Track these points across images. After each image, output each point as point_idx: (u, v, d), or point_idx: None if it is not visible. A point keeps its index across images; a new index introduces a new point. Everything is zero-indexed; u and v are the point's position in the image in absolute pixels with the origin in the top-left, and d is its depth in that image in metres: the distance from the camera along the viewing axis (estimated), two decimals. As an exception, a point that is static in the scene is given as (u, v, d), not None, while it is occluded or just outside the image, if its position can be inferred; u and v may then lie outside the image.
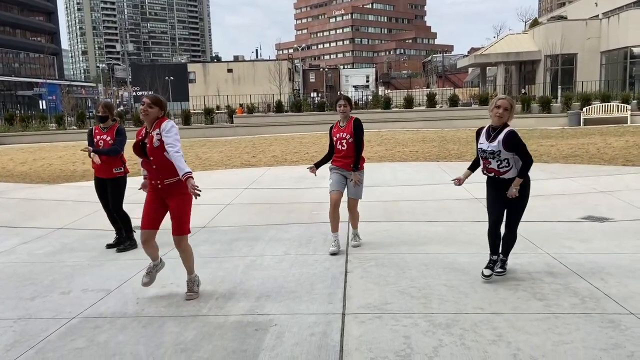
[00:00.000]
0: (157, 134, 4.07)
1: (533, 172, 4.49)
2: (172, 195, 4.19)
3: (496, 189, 4.46)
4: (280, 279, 4.70)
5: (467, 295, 4.14)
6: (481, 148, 4.39)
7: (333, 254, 5.39)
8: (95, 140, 5.98)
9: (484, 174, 4.51)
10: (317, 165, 5.79)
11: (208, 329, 3.69)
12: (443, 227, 6.39)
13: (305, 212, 7.52)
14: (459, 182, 4.67)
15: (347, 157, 5.49)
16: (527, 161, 4.30)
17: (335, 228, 5.56)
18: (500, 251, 4.56)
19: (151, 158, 4.13)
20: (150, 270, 4.43)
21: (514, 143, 4.26)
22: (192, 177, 3.92)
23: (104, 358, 3.32)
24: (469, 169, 4.73)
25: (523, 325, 3.56)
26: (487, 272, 4.48)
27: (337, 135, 5.51)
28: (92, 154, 5.85)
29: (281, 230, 6.50)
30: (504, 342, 3.33)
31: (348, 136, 5.46)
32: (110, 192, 6.06)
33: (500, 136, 4.28)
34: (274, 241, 6.03)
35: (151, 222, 4.28)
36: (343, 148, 5.49)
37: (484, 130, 4.44)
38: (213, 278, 4.79)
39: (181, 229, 4.23)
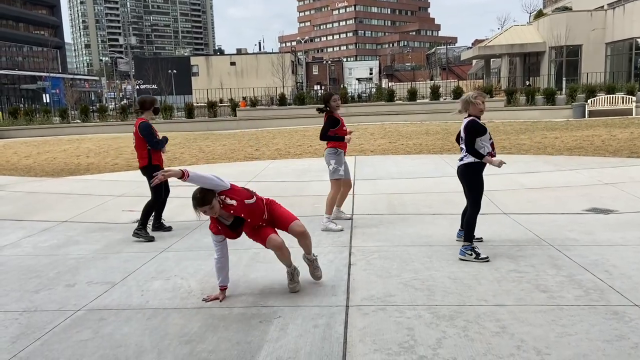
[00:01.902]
0: None
1: (537, 164, 4.48)
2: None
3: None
4: (284, 271, 4.70)
5: (470, 288, 4.14)
6: (490, 135, 4.97)
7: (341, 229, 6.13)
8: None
9: (492, 156, 4.93)
10: None
11: (212, 321, 3.70)
12: (447, 220, 6.38)
13: (308, 205, 7.52)
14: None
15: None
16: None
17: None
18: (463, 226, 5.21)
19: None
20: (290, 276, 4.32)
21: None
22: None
23: (109, 349, 3.34)
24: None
25: (527, 317, 3.56)
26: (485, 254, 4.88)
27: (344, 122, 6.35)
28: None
29: (285, 223, 6.50)
30: (507, 333, 3.33)
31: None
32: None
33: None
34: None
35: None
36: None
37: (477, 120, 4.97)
38: (217, 270, 4.80)
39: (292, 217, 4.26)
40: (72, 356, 3.27)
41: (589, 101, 23.44)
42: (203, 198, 3.81)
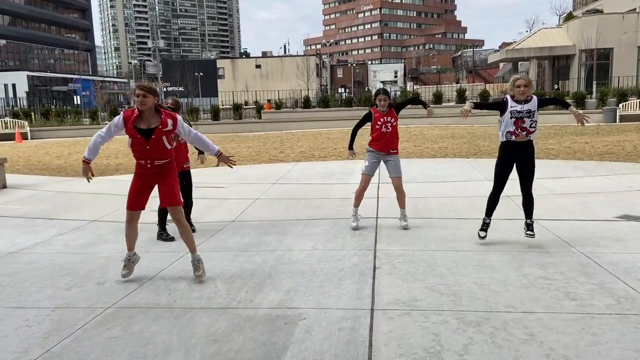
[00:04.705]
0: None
1: (567, 170, 4.41)
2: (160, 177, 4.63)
3: (513, 156, 5.14)
4: (309, 273, 4.73)
5: (497, 294, 4.09)
6: (515, 110, 5.02)
7: (355, 229, 6.08)
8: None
9: (514, 135, 5.06)
10: (351, 146, 6.43)
11: (238, 321, 3.74)
12: (472, 225, 6.30)
13: (332, 208, 7.53)
14: (466, 113, 5.26)
15: (391, 139, 6.17)
16: (561, 100, 5.62)
17: (357, 204, 6.29)
18: (525, 216, 5.30)
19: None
20: (126, 262, 4.70)
21: (546, 99, 5.65)
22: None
23: (138, 347, 3.40)
24: (475, 104, 5.45)
25: (556, 324, 3.50)
26: (483, 234, 5.40)
27: (382, 119, 6.08)
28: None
29: (309, 225, 6.53)
30: (536, 341, 3.28)
31: (393, 120, 6.13)
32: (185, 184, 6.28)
33: (534, 99, 5.07)
34: (302, 236, 6.06)
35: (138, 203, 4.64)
36: (388, 130, 6.12)
37: (509, 98, 5.11)
38: (243, 271, 4.85)
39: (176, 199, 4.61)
40: (102, 353, 3.34)
41: (620, 105, 22.91)
42: (152, 88, 4.56)
